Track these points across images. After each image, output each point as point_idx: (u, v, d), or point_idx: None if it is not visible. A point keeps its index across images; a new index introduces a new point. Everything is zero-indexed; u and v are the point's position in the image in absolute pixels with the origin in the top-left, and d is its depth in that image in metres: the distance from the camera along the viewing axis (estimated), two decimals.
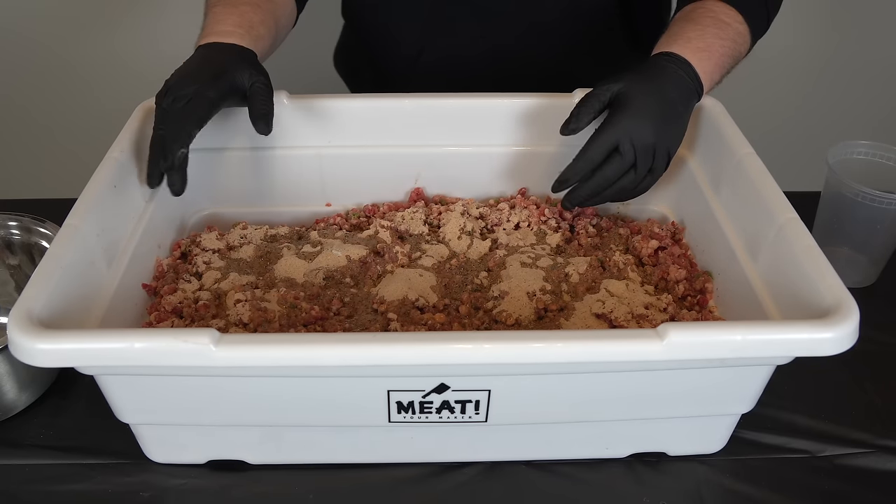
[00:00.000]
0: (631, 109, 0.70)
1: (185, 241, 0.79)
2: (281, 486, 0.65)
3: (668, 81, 0.73)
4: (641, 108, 0.70)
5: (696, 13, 0.80)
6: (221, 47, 0.75)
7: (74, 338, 0.52)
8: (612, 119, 0.71)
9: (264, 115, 0.72)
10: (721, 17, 0.79)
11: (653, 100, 0.71)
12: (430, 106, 0.82)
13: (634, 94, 0.71)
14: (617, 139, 0.70)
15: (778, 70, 1.56)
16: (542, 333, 0.54)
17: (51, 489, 0.64)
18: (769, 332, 0.54)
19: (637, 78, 0.73)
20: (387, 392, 0.58)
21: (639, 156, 0.70)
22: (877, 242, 0.84)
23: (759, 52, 1.58)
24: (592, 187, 0.72)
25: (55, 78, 1.54)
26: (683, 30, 0.78)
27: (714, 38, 0.77)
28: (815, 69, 1.56)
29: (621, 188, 0.72)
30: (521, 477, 0.66)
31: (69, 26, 1.48)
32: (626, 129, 0.69)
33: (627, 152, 0.70)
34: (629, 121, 0.70)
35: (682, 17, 0.81)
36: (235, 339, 0.53)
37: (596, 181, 0.72)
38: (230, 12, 0.78)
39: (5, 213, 0.79)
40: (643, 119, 0.70)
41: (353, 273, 0.74)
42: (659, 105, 0.71)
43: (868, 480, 0.67)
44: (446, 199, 0.86)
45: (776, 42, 1.52)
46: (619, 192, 0.73)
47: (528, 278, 0.71)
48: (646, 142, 0.70)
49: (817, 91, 1.59)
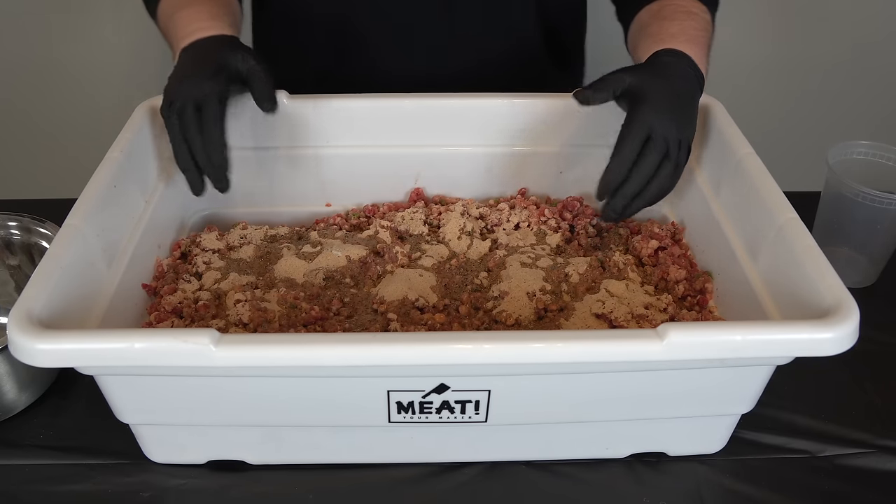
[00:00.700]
0: (651, 102, 0.69)
1: (185, 241, 0.79)
2: (281, 486, 0.65)
3: (674, 75, 0.73)
4: (661, 101, 0.70)
5: (666, 11, 0.82)
6: (204, 43, 0.75)
7: (74, 338, 0.52)
8: (635, 114, 0.69)
9: (267, 94, 0.73)
10: (691, 10, 0.81)
11: (667, 93, 0.71)
12: (430, 106, 0.82)
13: (649, 88, 0.71)
14: (648, 130, 0.68)
15: (778, 70, 1.56)
16: (542, 333, 0.54)
17: (51, 489, 0.64)
18: (769, 332, 0.54)
19: (647, 72, 0.73)
20: (387, 392, 0.58)
21: (671, 146, 0.69)
22: (877, 242, 0.84)
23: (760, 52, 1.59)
24: (635, 185, 0.69)
25: (55, 78, 1.53)
26: (664, 28, 0.79)
27: (694, 31, 0.78)
28: (816, 69, 1.56)
29: (660, 183, 0.69)
30: (521, 477, 0.66)
31: (69, 26, 1.48)
32: (652, 121, 0.68)
33: (660, 142, 0.68)
34: (653, 113, 0.69)
35: (655, 16, 0.82)
36: (235, 340, 0.53)
37: (636, 179, 0.68)
38: (195, 12, 0.79)
39: (5, 213, 0.79)
40: (664, 111, 0.69)
41: (353, 273, 0.74)
42: (673, 98, 0.71)
43: (868, 480, 0.67)
44: (446, 199, 0.86)
45: (776, 42, 1.53)
46: (658, 187, 0.70)
47: (527, 278, 0.71)
48: (672, 134, 0.69)
49: (817, 91, 1.59)
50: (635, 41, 0.85)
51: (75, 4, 1.45)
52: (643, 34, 0.82)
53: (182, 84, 0.71)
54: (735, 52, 1.49)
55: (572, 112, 0.82)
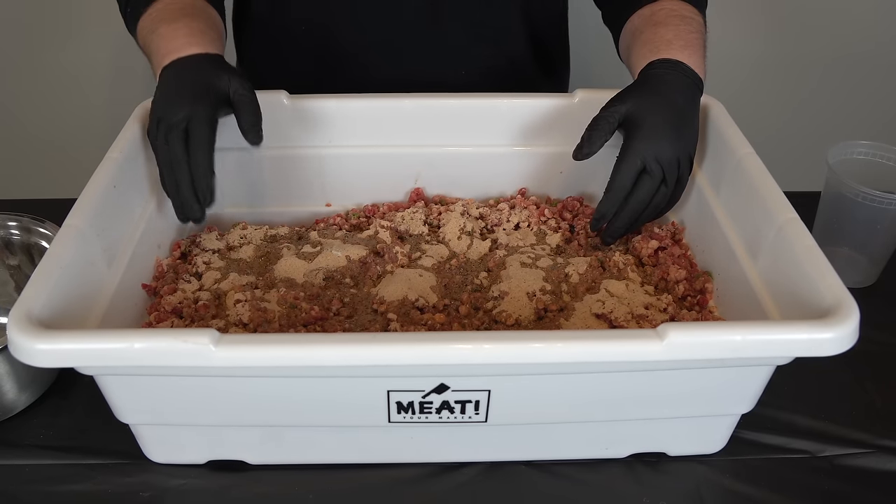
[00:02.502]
0: (645, 129, 0.70)
1: (184, 242, 0.79)
2: (281, 486, 0.65)
3: (670, 90, 0.73)
4: (656, 126, 0.70)
5: (659, 16, 0.81)
6: (189, 62, 0.72)
7: (74, 338, 0.52)
8: (630, 143, 0.70)
9: (253, 125, 0.71)
10: (684, 14, 0.80)
11: (663, 113, 0.71)
12: (430, 106, 0.82)
13: (644, 112, 0.71)
14: (642, 161, 0.70)
15: (778, 69, 1.56)
16: (542, 333, 0.54)
17: (51, 489, 0.64)
18: (769, 332, 0.54)
19: (641, 94, 0.73)
20: (387, 392, 0.58)
21: (666, 170, 0.70)
22: (877, 242, 0.84)
23: (760, 52, 1.59)
24: (630, 214, 0.72)
25: (55, 78, 1.53)
26: (659, 34, 0.78)
27: (689, 36, 0.78)
28: (816, 69, 1.56)
29: (656, 206, 0.72)
30: (521, 477, 0.66)
31: (69, 26, 1.48)
32: (646, 150, 0.69)
33: (655, 170, 0.70)
34: (647, 141, 0.70)
35: (647, 22, 0.81)
36: (235, 340, 0.53)
37: (632, 207, 0.71)
38: (176, 28, 0.76)
39: (5, 213, 0.79)
40: (660, 136, 0.70)
41: (353, 273, 0.74)
42: (670, 117, 0.71)
43: (868, 480, 0.67)
44: (446, 199, 0.86)
45: (776, 41, 1.53)
46: (654, 210, 0.73)
47: (527, 278, 0.71)
48: (668, 156, 0.70)
49: (817, 91, 1.59)
50: (628, 47, 0.84)
51: (76, 4, 1.45)
52: (637, 40, 0.81)
53: (170, 105, 0.69)
54: (735, 51, 1.49)
55: (572, 112, 0.82)
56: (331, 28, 0.94)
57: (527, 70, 1.01)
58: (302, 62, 0.97)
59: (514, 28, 0.97)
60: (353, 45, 0.94)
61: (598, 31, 0.95)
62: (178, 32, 0.75)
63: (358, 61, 0.95)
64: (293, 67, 0.98)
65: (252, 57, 1.03)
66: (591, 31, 1.04)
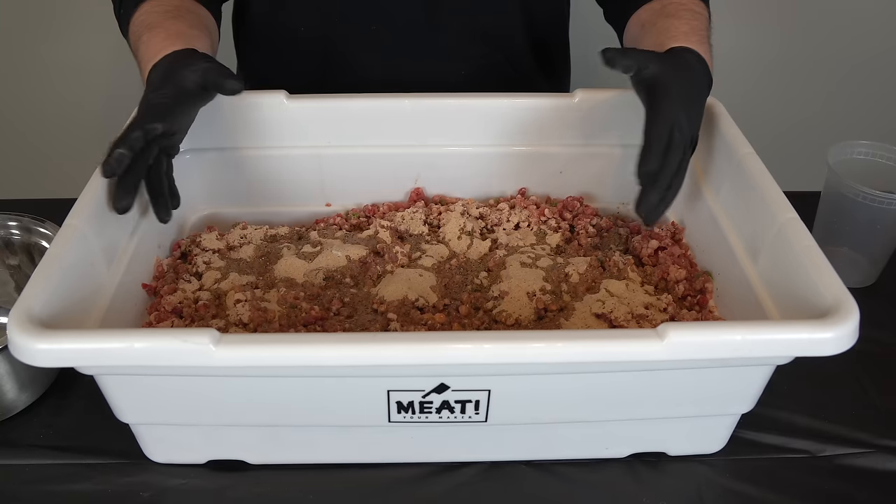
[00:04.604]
0: (675, 97, 0.69)
1: (185, 241, 0.79)
2: (281, 486, 0.65)
3: (692, 71, 0.73)
4: (681, 96, 0.69)
5: (670, 8, 0.81)
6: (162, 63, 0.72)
7: (74, 338, 0.52)
8: (661, 106, 0.68)
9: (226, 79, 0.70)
10: (694, 9, 0.81)
11: (687, 88, 0.71)
12: (430, 106, 0.82)
13: (672, 81, 0.70)
14: (673, 125, 0.67)
15: (778, 70, 1.56)
16: (542, 333, 0.54)
17: (51, 489, 0.64)
18: (769, 332, 0.54)
19: (668, 64, 0.72)
20: (387, 392, 0.58)
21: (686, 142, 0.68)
22: (877, 242, 0.84)
23: (760, 52, 1.59)
24: (665, 179, 0.67)
25: (56, 78, 1.53)
26: (674, 25, 0.78)
27: (704, 32, 0.78)
28: (816, 69, 1.56)
29: (681, 177, 0.69)
30: (521, 477, 0.66)
31: (69, 25, 1.48)
32: (676, 116, 0.68)
33: (681, 138, 0.67)
34: (676, 107, 0.68)
35: (659, 14, 0.81)
36: (235, 339, 0.53)
37: (666, 172, 0.67)
38: (154, 35, 0.75)
39: (5, 213, 0.80)
40: (683, 107, 0.69)
41: (353, 273, 0.74)
42: (690, 94, 0.71)
43: (868, 480, 0.67)
44: (446, 199, 0.86)
45: (776, 42, 1.53)
46: (680, 182, 0.69)
47: (527, 278, 0.71)
48: (687, 130, 0.69)
49: (817, 91, 1.59)
50: (637, 38, 0.83)
51: (76, 4, 1.45)
52: (649, 31, 0.80)
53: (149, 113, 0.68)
54: (735, 52, 1.49)
55: (572, 112, 0.82)
56: (330, 28, 0.94)
57: (527, 70, 1.01)
58: (301, 62, 0.97)
59: (515, 28, 0.97)
60: (352, 46, 0.94)
61: (600, 31, 0.95)
62: (153, 41, 0.74)
63: (358, 61, 0.95)
64: (293, 67, 0.98)
65: (252, 57, 1.03)
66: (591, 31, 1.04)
